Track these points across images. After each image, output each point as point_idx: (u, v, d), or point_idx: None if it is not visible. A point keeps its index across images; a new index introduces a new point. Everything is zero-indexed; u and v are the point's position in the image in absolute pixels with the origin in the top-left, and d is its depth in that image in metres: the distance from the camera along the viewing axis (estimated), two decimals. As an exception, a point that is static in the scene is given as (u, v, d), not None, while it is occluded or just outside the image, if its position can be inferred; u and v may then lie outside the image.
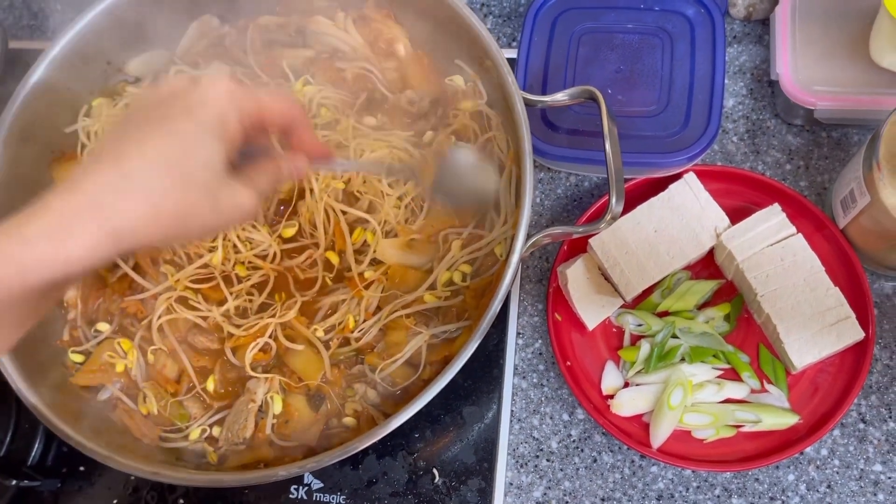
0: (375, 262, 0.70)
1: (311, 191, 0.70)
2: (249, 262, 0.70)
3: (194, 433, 0.68)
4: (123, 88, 0.77)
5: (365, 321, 0.69)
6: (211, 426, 0.70)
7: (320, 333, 0.69)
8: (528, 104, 0.66)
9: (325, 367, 0.68)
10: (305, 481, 0.76)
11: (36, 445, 0.78)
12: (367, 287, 0.69)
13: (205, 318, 0.70)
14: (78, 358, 0.71)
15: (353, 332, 0.68)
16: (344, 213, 0.70)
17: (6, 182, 0.70)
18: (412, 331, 0.68)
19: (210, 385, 0.70)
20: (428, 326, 0.68)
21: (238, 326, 0.69)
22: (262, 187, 0.52)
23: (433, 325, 0.69)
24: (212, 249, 0.70)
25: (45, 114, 0.74)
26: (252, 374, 0.68)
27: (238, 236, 0.70)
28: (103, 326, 0.72)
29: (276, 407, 0.68)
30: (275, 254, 0.70)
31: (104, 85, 0.78)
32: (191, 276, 0.70)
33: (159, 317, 0.70)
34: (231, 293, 0.69)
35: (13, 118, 0.71)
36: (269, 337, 0.69)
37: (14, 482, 0.75)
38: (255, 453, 0.68)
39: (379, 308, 0.69)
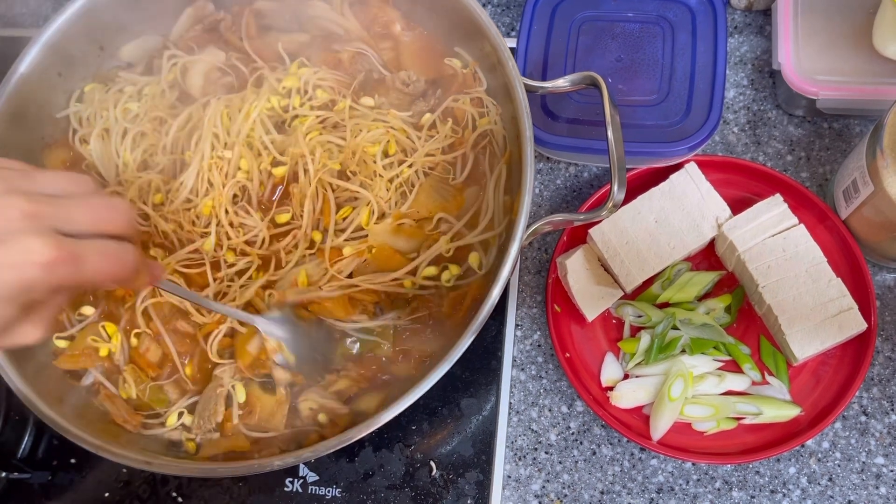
0: (357, 240, 0.69)
1: (306, 171, 0.68)
2: (239, 249, 0.69)
3: (171, 419, 0.67)
4: (115, 74, 0.76)
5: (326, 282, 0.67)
6: (186, 409, 0.68)
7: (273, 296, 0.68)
8: (529, 90, 0.65)
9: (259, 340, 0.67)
10: (300, 474, 0.75)
11: (26, 438, 0.78)
12: (338, 261, 0.67)
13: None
14: (62, 343, 0.69)
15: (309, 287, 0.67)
16: (335, 189, 0.69)
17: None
18: (355, 314, 0.67)
19: (188, 370, 0.68)
20: (375, 316, 0.67)
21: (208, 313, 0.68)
22: (51, 317, 0.45)
23: (387, 317, 0.67)
24: (204, 235, 0.69)
25: (36, 101, 0.72)
26: (217, 360, 0.67)
27: (231, 223, 0.69)
28: (88, 310, 0.70)
29: (240, 396, 0.67)
30: (263, 239, 0.69)
31: (97, 71, 0.76)
32: (181, 260, 0.69)
33: (143, 300, 0.68)
34: (215, 279, 0.68)
35: (3, 105, 0.69)
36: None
37: (4, 474, 0.74)
38: (231, 442, 0.66)
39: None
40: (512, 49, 0.80)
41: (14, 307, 0.42)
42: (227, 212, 0.69)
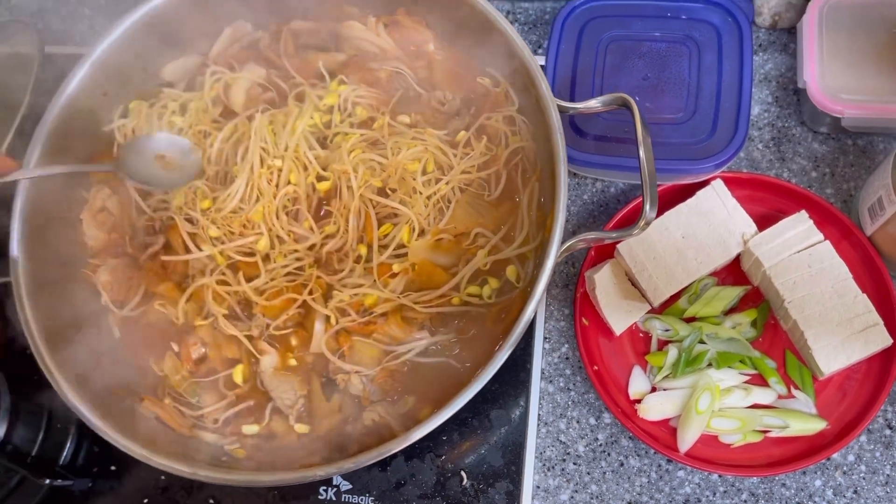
0: (400, 257, 0.71)
1: (349, 187, 0.71)
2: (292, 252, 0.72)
3: (250, 427, 0.70)
4: (159, 91, 0.79)
5: (386, 302, 0.70)
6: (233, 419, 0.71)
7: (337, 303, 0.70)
8: (561, 111, 0.67)
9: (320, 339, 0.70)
10: (334, 482, 0.76)
11: (68, 445, 0.79)
12: (392, 277, 0.70)
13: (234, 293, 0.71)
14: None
15: (372, 307, 0.69)
16: (376, 205, 0.71)
17: (44, 179, 0.72)
18: (413, 331, 0.69)
19: (238, 377, 0.70)
20: (433, 334, 0.70)
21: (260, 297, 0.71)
22: None
23: (440, 333, 0.70)
24: (256, 234, 0.72)
25: (82, 117, 0.75)
26: (330, 356, 0.70)
27: (282, 228, 0.71)
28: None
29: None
30: (313, 245, 0.72)
31: (140, 90, 0.79)
32: (235, 248, 0.71)
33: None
34: (266, 271, 0.71)
35: (52, 122, 0.72)
36: (298, 308, 0.70)
37: (47, 481, 0.76)
38: (282, 441, 0.69)
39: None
40: (541, 67, 0.82)
41: None
42: (277, 217, 0.71)
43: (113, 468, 0.80)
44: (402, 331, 0.68)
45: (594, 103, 0.68)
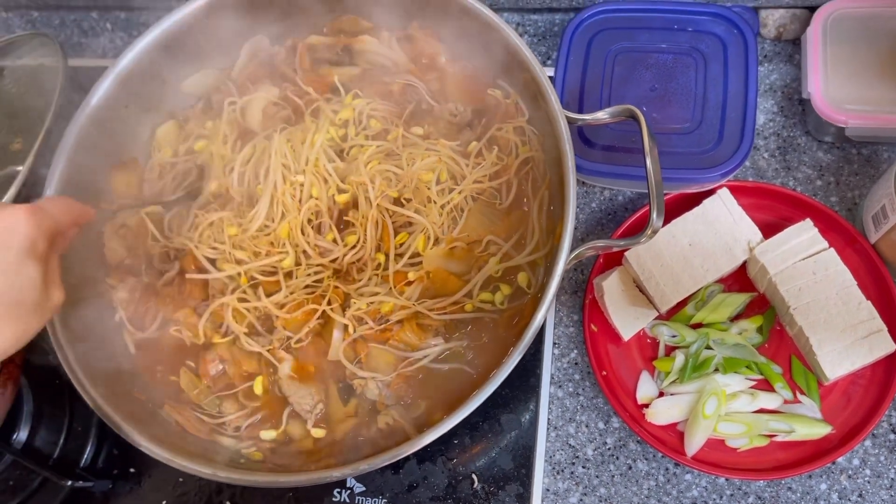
0: (415, 265, 0.73)
1: (367, 198, 0.73)
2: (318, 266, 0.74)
3: (268, 433, 0.71)
4: (186, 110, 0.83)
5: (402, 310, 0.71)
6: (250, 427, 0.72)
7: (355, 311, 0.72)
8: (569, 122, 0.69)
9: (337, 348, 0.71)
10: (348, 484, 0.78)
11: (88, 447, 0.81)
12: (407, 285, 0.72)
13: (254, 309, 0.73)
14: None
15: (389, 315, 0.71)
16: (392, 214, 0.73)
17: (70, 190, 0.73)
18: (429, 337, 0.71)
19: (258, 388, 0.72)
20: (448, 340, 0.71)
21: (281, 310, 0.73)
22: (58, 275, 0.58)
23: (454, 339, 0.71)
24: (280, 253, 0.74)
25: (105, 129, 0.77)
26: (347, 364, 0.71)
27: (308, 243, 0.73)
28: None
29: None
30: (336, 258, 0.74)
31: (160, 102, 0.81)
32: (259, 268, 0.73)
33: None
34: (286, 286, 0.73)
35: (76, 135, 0.74)
36: (318, 319, 0.72)
37: (69, 483, 0.78)
38: (299, 445, 0.71)
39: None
40: (549, 78, 0.83)
41: (36, 266, 0.53)
42: (303, 233, 0.73)
43: (132, 470, 0.81)
44: (418, 337, 0.70)
45: (602, 115, 0.70)
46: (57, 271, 0.58)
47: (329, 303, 0.72)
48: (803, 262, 0.75)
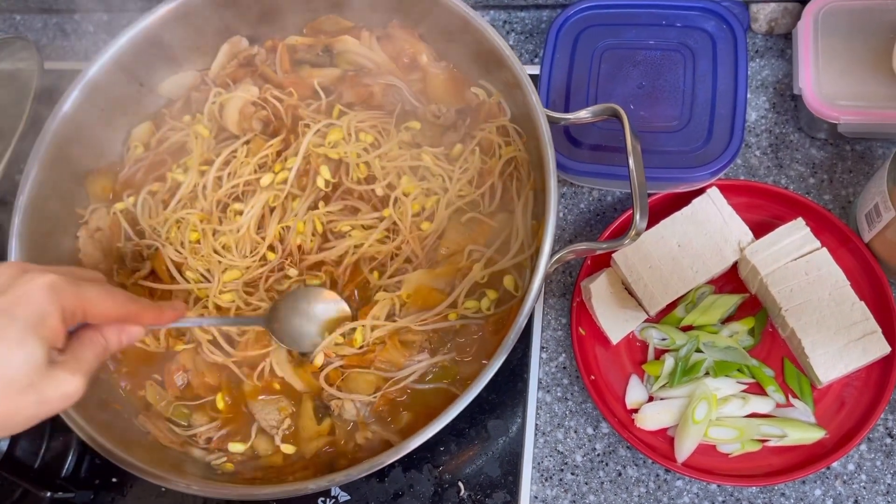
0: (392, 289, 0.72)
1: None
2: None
3: (236, 446, 0.70)
4: (161, 111, 0.81)
5: (373, 330, 0.70)
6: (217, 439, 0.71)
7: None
8: (552, 121, 0.67)
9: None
10: (333, 493, 0.77)
11: (69, 458, 0.80)
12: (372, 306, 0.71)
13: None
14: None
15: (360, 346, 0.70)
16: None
17: (44, 195, 0.73)
18: (413, 354, 0.69)
19: (220, 403, 0.71)
20: (434, 354, 0.69)
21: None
22: (89, 366, 0.51)
23: (441, 353, 0.69)
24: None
25: (79, 134, 0.76)
26: (325, 386, 0.70)
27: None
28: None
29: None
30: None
31: (137, 106, 0.80)
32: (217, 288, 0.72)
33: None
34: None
35: (50, 137, 0.73)
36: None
37: (49, 494, 0.77)
38: (267, 460, 0.69)
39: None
40: (535, 76, 0.82)
41: (40, 344, 0.47)
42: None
43: (114, 480, 0.80)
44: (402, 354, 0.69)
45: (584, 114, 0.68)
46: (86, 361, 0.50)
47: None
48: (795, 263, 0.73)
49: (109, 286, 0.53)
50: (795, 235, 0.74)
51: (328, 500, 0.77)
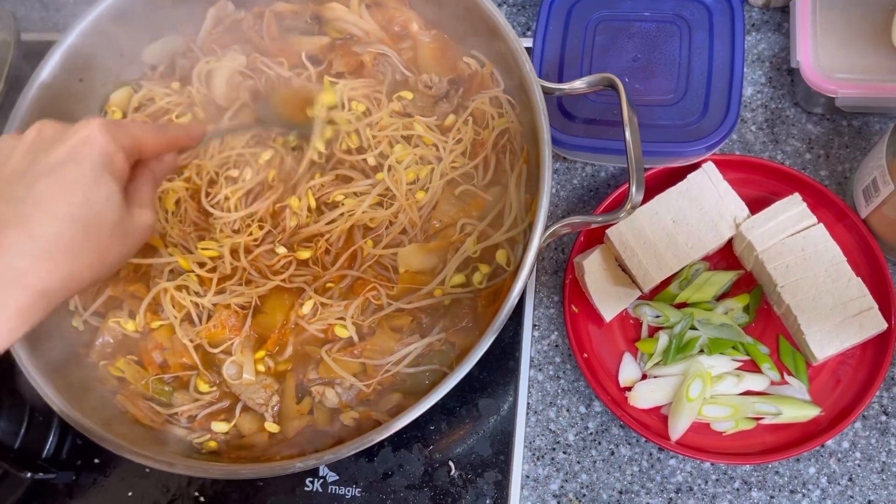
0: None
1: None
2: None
3: (220, 426, 0.68)
4: (140, 78, 0.78)
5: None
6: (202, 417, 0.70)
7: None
8: (546, 92, 0.65)
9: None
10: (321, 474, 0.75)
11: (50, 438, 0.78)
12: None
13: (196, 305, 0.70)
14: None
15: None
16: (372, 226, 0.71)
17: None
18: (403, 338, 0.67)
19: (203, 387, 0.69)
20: (426, 334, 0.68)
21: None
22: (151, 198, 0.55)
23: (435, 331, 0.68)
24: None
25: (57, 106, 0.73)
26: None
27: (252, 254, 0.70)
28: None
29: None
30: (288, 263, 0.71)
31: (118, 75, 0.77)
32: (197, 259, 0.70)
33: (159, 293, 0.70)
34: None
35: (25, 110, 0.70)
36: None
37: (29, 475, 0.75)
38: (250, 439, 0.68)
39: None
40: (528, 48, 0.79)
41: (114, 182, 0.50)
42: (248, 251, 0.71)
43: (97, 461, 0.79)
44: (393, 339, 0.67)
45: (580, 84, 0.66)
46: (147, 193, 0.54)
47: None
48: (791, 239, 0.72)
49: (144, 123, 0.58)
50: (791, 211, 0.73)
51: (316, 479, 0.75)
